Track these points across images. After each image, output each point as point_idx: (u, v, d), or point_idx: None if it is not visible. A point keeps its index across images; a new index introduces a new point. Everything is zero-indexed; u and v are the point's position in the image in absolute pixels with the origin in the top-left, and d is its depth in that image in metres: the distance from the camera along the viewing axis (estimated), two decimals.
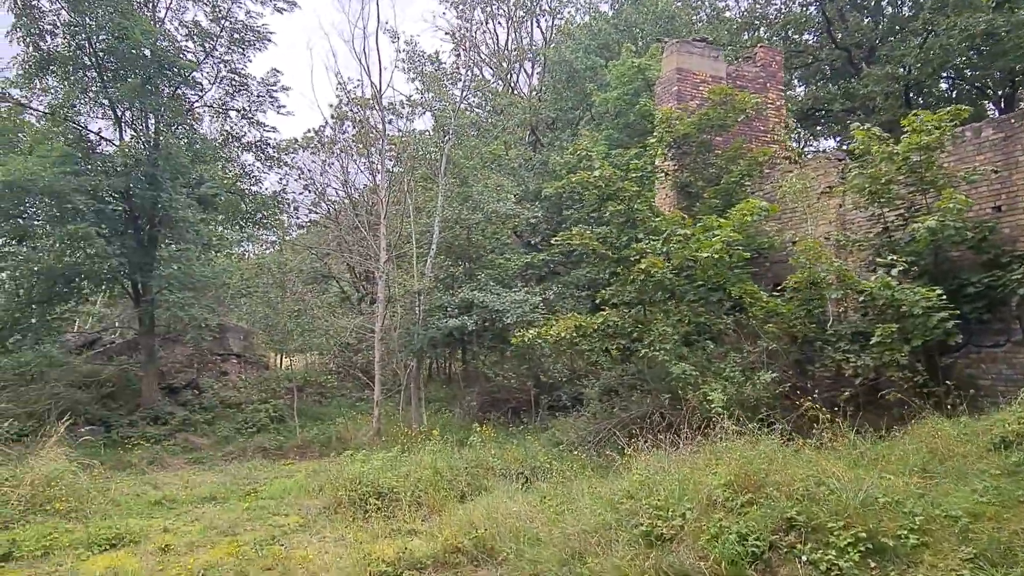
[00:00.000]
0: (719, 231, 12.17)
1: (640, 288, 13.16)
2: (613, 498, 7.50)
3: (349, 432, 16.70)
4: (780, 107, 18.66)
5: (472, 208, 17.47)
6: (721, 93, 15.83)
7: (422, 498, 9.95)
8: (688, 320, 12.81)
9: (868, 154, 11.82)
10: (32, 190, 13.06)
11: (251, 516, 9.90)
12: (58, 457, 11.04)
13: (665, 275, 12.30)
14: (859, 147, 11.92)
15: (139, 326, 17.27)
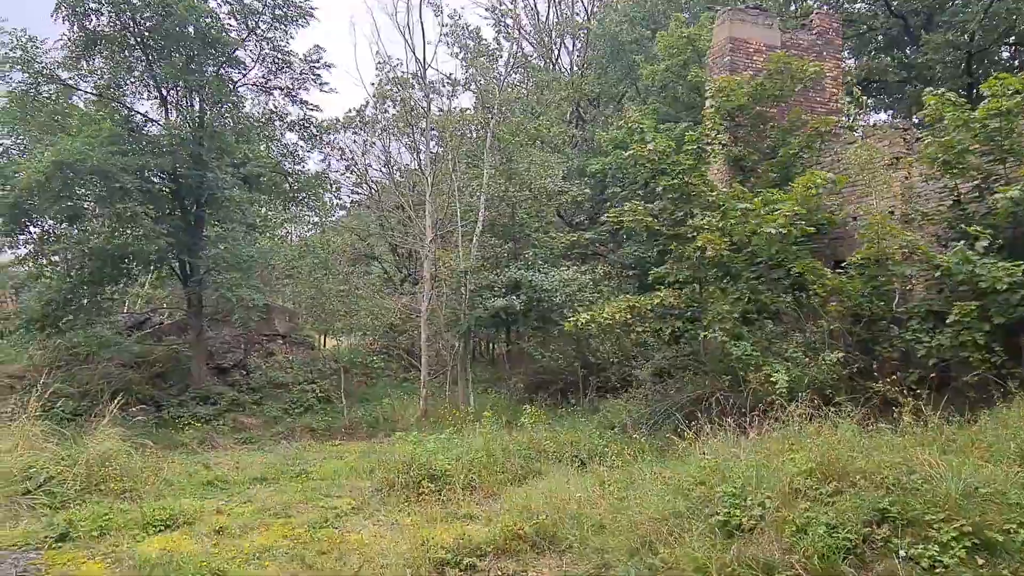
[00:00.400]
0: (781, 205, 11.61)
1: (695, 266, 12.67)
2: (681, 484, 7.12)
3: (396, 413, 16.59)
4: (838, 76, 17.82)
5: (518, 185, 17.08)
6: (778, 61, 15.13)
7: (475, 481, 9.71)
8: (747, 299, 12.29)
9: (940, 122, 11.12)
10: (81, 170, 13.06)
11: (303, 498, 9.76)
12: (111, 437, 11.04)
13: (722, 252, 11.79)
14: (931, 115, 11.22)
15: (187, 307, 17.34)
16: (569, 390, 18.28)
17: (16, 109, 14.68)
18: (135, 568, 6.83)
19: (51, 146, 13.05)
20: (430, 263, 16.74)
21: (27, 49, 14.69)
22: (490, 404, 17.57)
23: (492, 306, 15.69)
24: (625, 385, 16.32)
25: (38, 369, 15.93)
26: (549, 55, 33.60)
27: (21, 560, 7.35)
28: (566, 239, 18.16)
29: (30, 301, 15.46)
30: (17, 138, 14.94)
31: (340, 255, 23.03)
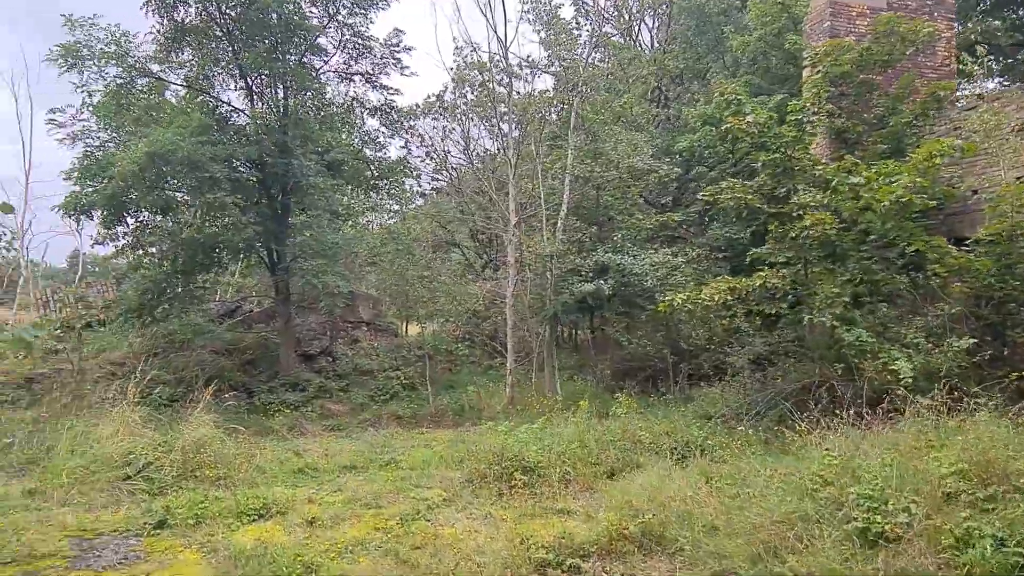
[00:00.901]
0: (899, 176, 10.62)
1: (799, 246, 11.78)
2: (802, 483, 6.46)
3: (482, 401, 16.33)
4: (951, 39, 16.36)
5: (604, 165, 16.44)
6: (887, 23, 13.94)
7: (570, 474, 9.27)
8: (859, 280, 11.35)
9: None
10: (172, 161, 13.28)
11: (393, 488, 9.55)
12: (205, 423, 11.16)
13: (829, 230, 10.89)
14: None
15: (275, 294, 17.57)
16: (658, 377, 17.61)
17: (112, 103, 15.09)
18: (230, 559, 6.72)
19: (144, 138, 13.31)
20: (514, 247, 16.35)
21: (121, 44, 15.05)
22: (575, 392, 17.14)
23: (579, 291, 15.16)
24: (719, 373, 15.54)
25: (137, 356, 16.47)
26: (629, 32, 32.57)
27: (122, 546, 7.39)
28: (654, 221, 17.42)
29: (128, 291, 15.95)
30: (114, 132, 15.36)
31: (421, 242, 22.96)
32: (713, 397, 14.05)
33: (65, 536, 7.60)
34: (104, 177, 13.76)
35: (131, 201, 14.88)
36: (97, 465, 9.55)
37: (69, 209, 14.67)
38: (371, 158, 19.72)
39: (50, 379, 14.90)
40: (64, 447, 10.14)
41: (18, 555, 6.90)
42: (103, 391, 13.08)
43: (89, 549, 7.25)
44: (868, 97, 14.43)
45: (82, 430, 10.59)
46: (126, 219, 16.00)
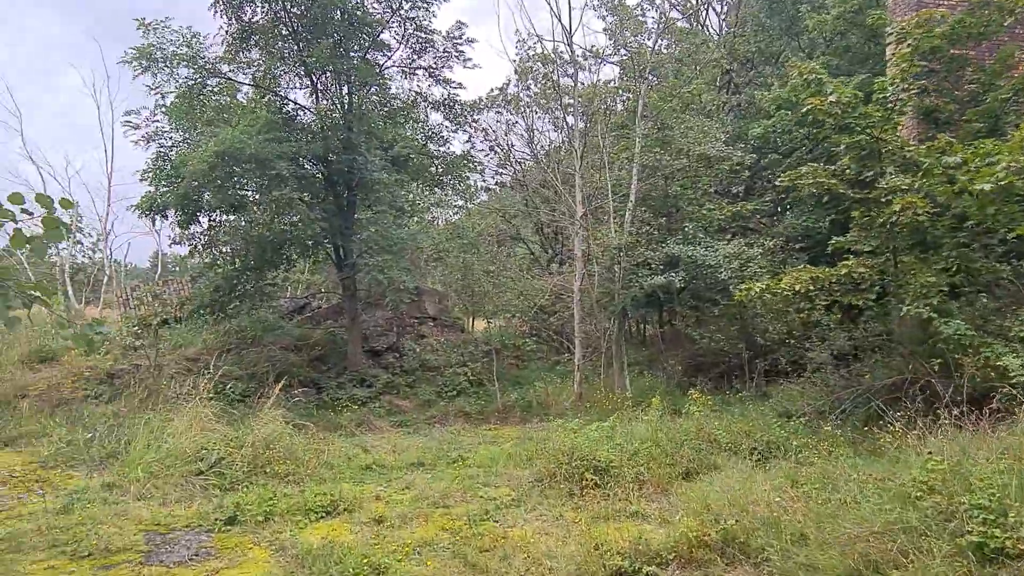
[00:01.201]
0: (998, 156, 9.78)
1: (887, 233, 11.03)
2: (903, 490, 5.93)
3: (550, 397, 16.05)
4: None
5: (674, 153, 15.87)
6: None
7: (643, 474, 8.88)
8: (955, 268, 10.55)
9: None
10: (240, 159, 13.46)
11: (461, 486, 9.36)
12: (275, 419, 11.24)
13: (921, 215, 10.13)
14: None
15: (342, 291, 17.69)
16: (733, 373, 16.97)
17: (184, 104, 15.43)
18: (297, 558, 6.63)
19: (213, 137, 13.54)
20: (581, 240, 15.97)
21: (192, 45, 15.35)
22: (646, 388, 16.67)
23: (649, 284, 14.69)
24: (797, 368, 14.83)
25: (211, 352, 16.83)
26: (696, 17, 31.64)
27: (194, 542, 7.41)
28: (727, 210, 16.74)
29: (201, 288, 16.32)
30: (185, 133, 15.74)
31: (487, 237, 22.81)
32: (792, 394, 13.40)
33: (140, 530, 7.69)
34: (176, 177, 14.06)
35: (203, 200, 15.19)
36: (171, 459, 9.69)
37: (144, 209, 15.09)
38: (435, 153, 19.66)
39: (130, 374, 15.36)
40: (141, 441, 10.34)
41: (94, 549, 6.99)
42: (178, 386, 13.39)
43: (162, 544, 7.30)
44: (960, 73, 13.47)
45: (158, 425, 10.80)
46: (199, 218, 16.39)
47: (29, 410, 13.77)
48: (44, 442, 12.16)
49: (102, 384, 15.45)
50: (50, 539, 7.25)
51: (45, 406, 14.12)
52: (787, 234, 17.80)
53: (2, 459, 11.64)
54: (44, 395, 14.88)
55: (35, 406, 14.10)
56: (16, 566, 6.63)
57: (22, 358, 16.82)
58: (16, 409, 13.76)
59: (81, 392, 15.19)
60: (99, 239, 28.90)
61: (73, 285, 27.24)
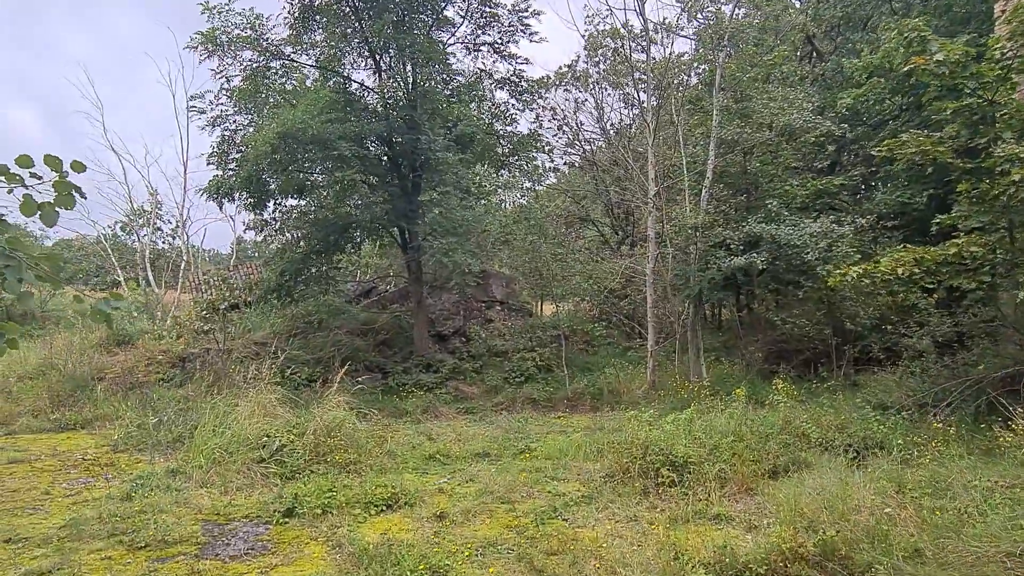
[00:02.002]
0: None
1: (1005, 206, 9.89)
2: None
3: (621, 384, 15.40)
4: None
5: (754, 126, 14.84)
6: None
7: (725, 472, 8.20)
8: None
9: None
10: (302, 140, 13.24)
11: (528, 479, 8.90)
12: (339, 405, 11.03)
13: None
14: None
15: (408, 274, 17.42)
16: (818, 361, 15.91)
17: (248, 87, 15.35)
18: (354, 556, 6.28)
19: (275, 118, 13.36)
20: (654, 220, 15.18)
21: (255, 28, 15.23)
22: (724, 376, 15.81)
23: (728, 266, 13.80)
24: (891, 356, 13.73)
25: (278, 336, 16.88)
26: None
27: (251, 534, 7.19)
28: (812, 186, 15.61)
29: (267, 272, 16.32)
30: (249, 115, 15.68)
31: (555, 218, 22.19)
32: (888, 384, 12.37)
33: (198, 520, 7.52)
34: (241, 160, 13.98)
35: (267, 183, 15.11)
36: (234, 446, 9.56)
37: (212, 192, 15.12)
38: (501, 132, 19.13)
39: (200, 358, 15.52)
40: (206, 426, 10.26)
41: (151, 540, 6.83)
42: (245, 371, 13.40)
43: (219, 536, 7.09)
44: None
45: (223, 409, 10.71)
46: (266, 202, 16.36)
47: (104, 393, 14.06)
48: (116, 425, 12.35)
49: (174, 368, 15.67)
50: (110, 527, 7.15)
51: (119, 389, 14.39)
52: (878, 211, 16.54)
53: (77, 441, 11.86)
54: (119, 378, 15.18)
55: (110, 389, 14.39)
56: (73, 556, 6.51)
57: (101, 342, 17.26)
58: (93, 392, 14.05)
59: (154, 375, 15.45)
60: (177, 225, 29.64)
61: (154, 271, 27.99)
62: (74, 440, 11.93)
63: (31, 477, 9.39)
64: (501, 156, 19.87)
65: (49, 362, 15.68)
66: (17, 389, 14.78)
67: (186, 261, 26.19)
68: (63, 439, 12.00)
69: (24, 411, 13.52)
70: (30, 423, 12.82)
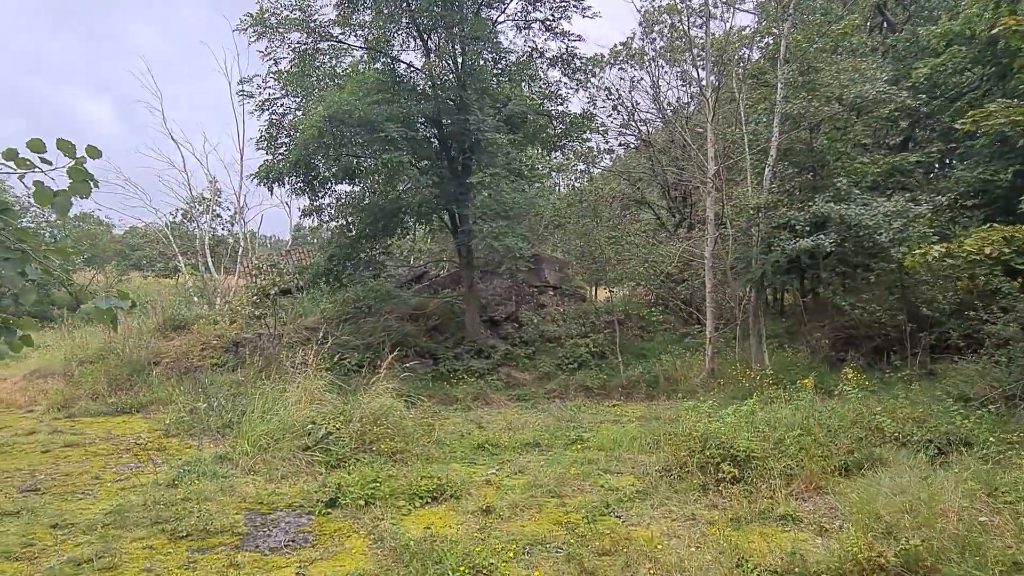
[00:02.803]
0: None
1: None
2: None
3: (678, 372, 14.85)
4: None
5: (822, 100, 13.97)
6: None
7: (792, 468, 7.66)
8: None
9: None
10: (349, 122, 13.02)
11: (579, 471, 8.52)
12: (386, 392, 10.84)
13: None
14: None
15: (458, 258, 17.15)
16: (890, 349, 15.05)
17: (296, 70, 15.23)
18: (395, 552, 6.01)
19: (321, 100, 13.17)
20: (713, 200, 14.50)
21: (304, 9, 15.07)
22: (787, 364, 15.10)
23: (794, 248, 13.06)
24: (972, 344, 12.82)
25: (329, 322, 16.85)
26: None
27: (293, 525, 7.01)
28: (884, 163, 14.67)
29: (317, 256, 16.27)
30: (297, 98, 15.55)
31: (609, 201, 21.61)
32: (969, 374, 11.54)
33: (242, 509, 7.39)
34: (290, 144, 13.87)
35: (316, 167, 14.99)
36: (281, 432, 9.44)
37: (262, 177, 15.09)
38: (552, 113, 18.61)
39: (252, 343, 15.60)
40: (254, 412, 10.18)
41: (193, 529, 6.71)
42: (295, 356, 13.36)
43: (261, 526, 6.94)
44: None
45: (271, 395, 10.64)
46: (316, 187, 16.28)
47: (160, 377, 14.23)
48: (169, 409, 12.46)
49: (227, 352, 15.78)
50: (154, 515, 7.06)
51: (174, 373, 14.55)
52: (956, 190, 15.49)
53: (131, 425, 12.00)
54: (174, 363, 15.37)
55: (165, 373, 14.57)
56: (116, 543, 6.43)
57: (157, 326, 17.55)
58: (148, 376, 14.24)
59: (208, 360, 15.59)
60: (235, 212, 30.09)
61: (213, 257, 28.50)
62: (128, 424, 12.07)
63: (84, 461, 9.46)
64: (553, 137, 19.36)
65: (109, 347, 15.99)
66: (78, 373, 15.11)
67: (243, 247, 26.51)
68: (118, 423, 12.15)
69: (83, 394, 13.78)
70: (88, 406, 13.05)
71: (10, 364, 17.87)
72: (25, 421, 12.28)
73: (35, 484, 8.31)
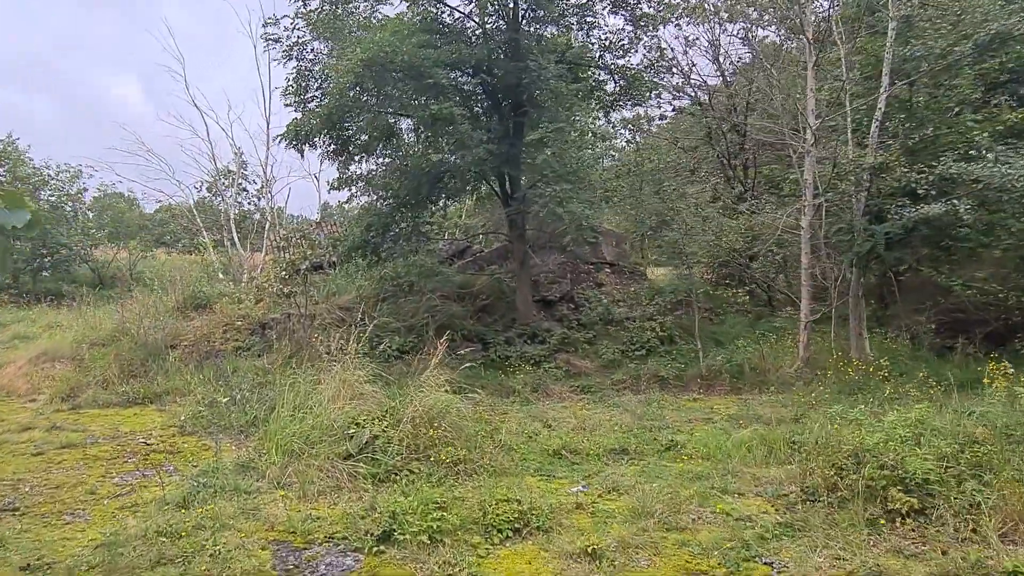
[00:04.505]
0: None
1: None
2: None
3: (765, 361, 12.97)
4: None
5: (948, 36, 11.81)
6: None
7: (984, 495, 5.87)
8: None
9: None
10: (390, 67, 11.23)
11: (691, 491, 6.79)
12: (440, 385, 9.20)
13: None
14: None
15: (509, 230, 15.35)
16: (1016, 334, 13.05)
17: (328, 10, 13.43)
18: None
19: (358, 44, 11.38)
20: (812, 161, 12.54)
21: None
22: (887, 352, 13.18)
23: (913, 216, 11.08)
24: None
25: (365, 301, 15.25)
26: None
27: (335, 567, 5.42)
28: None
29: (351, 227, 14.62)
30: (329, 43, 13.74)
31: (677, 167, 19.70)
32: None
33: (269, 541, 5.82)
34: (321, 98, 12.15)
35: (350, 124, 13.29)
36: (317, 434, 7.86)
37: (290, 138, 13.43)
38: (612, 66, 16.67)
39: (281, 324, 14.06)
40: (284, 408, 8.59)
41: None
42: (329, 340, 11.79)
43: (294, 570, 5.35)
44: None
45: (304, 388, 9.03)
46: (350, 151, 14.60)
47: (177, 362, 12.74)
48: (186, 401, 10.97)
49: (252, 335, 14.29)
50: (155, 552, 5.52)
51: (193, 358, 13.06)
52: None
53: (143, 419, 10.52)
54: (194, 346, 13.91)
55: (184, 357, 13.09)
56: None
57: (177, 305, 16.11)
58: (165, 361, 12.75)
59: (231, 343, 14.10)
60: (262, 186, 28.63)
61: (239, 233, 27.11)
62: (140, 418, 10.61)
63: (81, 468, 7.97)
64: (610, 96, 17.44)
65: (123, 328, 14.58)
66: (88, 357, 13.71)
67: (270, 222, 25.03)
68: (129, 416, 10.69)
69: (92, 382, 12.36)
70: (96, 396, 11.62)
71: (18, 346, 16.57)
72: (22, 414, 10.86)
73: (14, 501, 6.80)
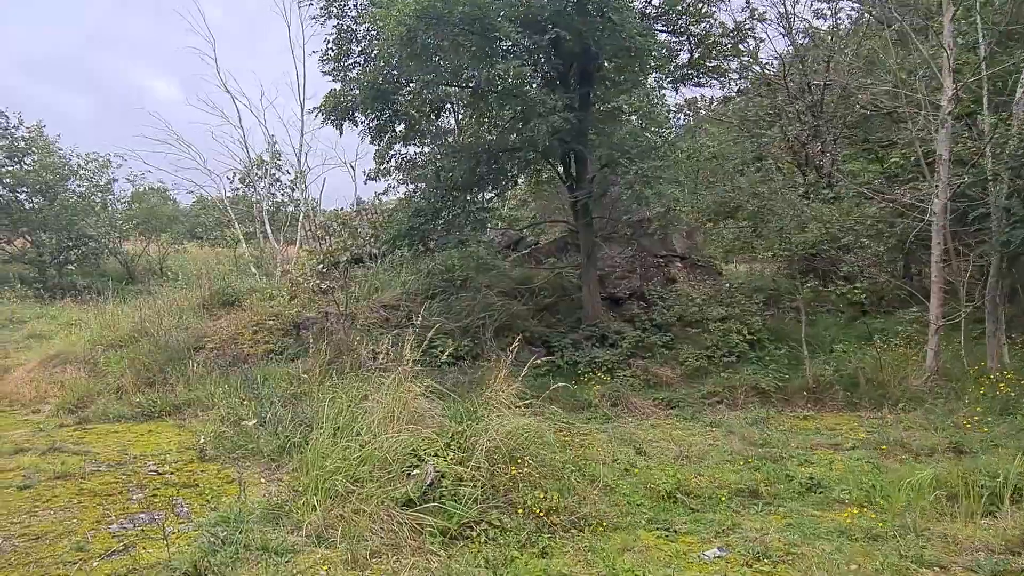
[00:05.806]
0: None
1: None
2: None
3: (885, 371, 11.01)
4: None
5: None
6: None
7: None
8: None
9: None
10: (449, 19, 9.47)
11: (876, 563, 4.98)
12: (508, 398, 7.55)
13: None
14: None
15: (574, 218, 13.54)
16: None
17: None
18: None
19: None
20: (947, 133, 10.55)
21: None
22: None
23: None
24: None
25: (412, 298, 13.62)
26: None
27: None
28: None
29: (397, 213, 12.95)
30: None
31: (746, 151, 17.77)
32: None
33: None
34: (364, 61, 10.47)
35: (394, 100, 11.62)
36: (366, 470, 6.21)
37: (327, 112, 11.80)
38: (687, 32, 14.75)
39: (318, 325, 12.47)
40: (324, 430, 6.94)
41: None
42: (373, 343, 10.17)
43: None
44: None
45: (346, 403, 7.37)
46: (394, 126, 12.95)
47: (201, 369, 11.19)
48: (208, 417, 9.42)
49: (286, 336, 12.74)
50: None
51: (218, 364, 11.52)
52: None
53: (157, 439, 8.98)
54: (221, 348, 12.42)
55: (208, 363, 11.56)
56: None
57: (203, 302, 14.66)
58: (187, 367, 11.22)
59: (262, 346, 12.57)
60: (296, 176, 27.24)
61: (272, 224, 25.78)
62: (154, 436, 9.08)
63: (72, 509, 6.41)
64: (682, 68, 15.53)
65: (142, 328, 13.15)
66: (103, 361, 12.30)
67: (304, 214, 23.57)
68: (141, 434, 9.17)
69: (105, 389, 10.92)
70: (108, 407, 10.15)
71: (32, 346, 15.28)
72: (21, 429, 9.40)
73: None
